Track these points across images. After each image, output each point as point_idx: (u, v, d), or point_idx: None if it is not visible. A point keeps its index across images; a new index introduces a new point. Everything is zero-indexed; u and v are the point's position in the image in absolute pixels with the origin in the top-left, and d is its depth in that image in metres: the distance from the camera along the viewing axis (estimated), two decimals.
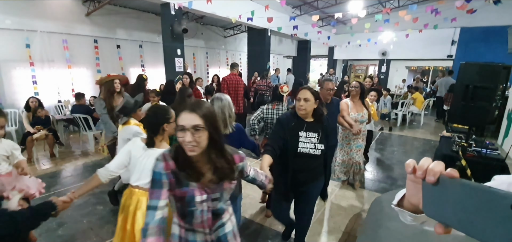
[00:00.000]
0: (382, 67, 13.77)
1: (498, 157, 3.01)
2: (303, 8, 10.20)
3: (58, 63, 6.42)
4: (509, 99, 6.22)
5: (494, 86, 2.48)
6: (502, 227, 0.41)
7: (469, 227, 0.46)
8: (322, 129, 2.00)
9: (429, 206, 0.53)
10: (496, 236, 0.42)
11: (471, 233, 0.46)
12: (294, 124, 1.97)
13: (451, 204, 0.48)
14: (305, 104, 1.93)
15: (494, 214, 0.42)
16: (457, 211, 0.47)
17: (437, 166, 0.52)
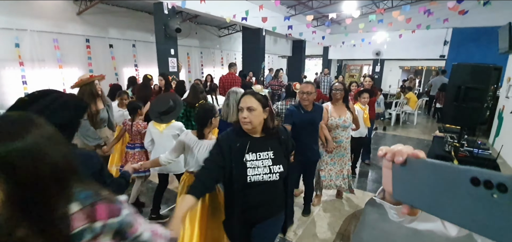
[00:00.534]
0: (376, 67, 13.88)
1: (489, 157, 3.05)
2: (298, 8, 10.21)
3: (49, 63, 6.30)
4: (500, 99, 6.32)
5: (485, 87, 2.50)
6: (463, 203, 0.42)
7: (433, 206, 0.47)
8: (278, 145, 1.53)
9: (398, 189, 0.55)
10: (457, 213, 0.43)
11: (435, 212, 0.48)
12: (239, 144, 1.45)
13: (418, 184, 0.50)
14: (250, 115, 1.40)
15: (455, 190, 0.43)
16: (423, 191, 0.49)
17: (406, 148, 0.53)
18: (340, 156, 3.10)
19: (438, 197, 0.46)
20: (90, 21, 6.89)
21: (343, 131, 3.00)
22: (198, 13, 6.98)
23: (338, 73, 16.21)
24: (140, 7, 7.77)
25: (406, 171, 0.52)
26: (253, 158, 1.45)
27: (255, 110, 1.40)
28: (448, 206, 0.45)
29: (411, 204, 0.53)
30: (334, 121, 2.93)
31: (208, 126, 1.99)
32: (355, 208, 3.31)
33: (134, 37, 8.04)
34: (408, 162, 0.52)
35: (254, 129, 1.46)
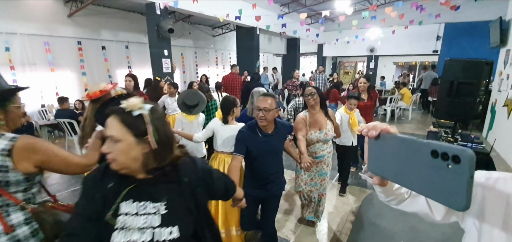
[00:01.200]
0: (370, 63, 13.97)
1: (483, 151, 3.07)
2: (291, 6, 10.21)
3: (40, 66, 6.21)
4: (492, 93, 6.40)
5: (477, 82, 2.53)
6: (423, 172, 0.48)
7: (400, 177, 0.54)
8: (179, 191, 0.99)
9: (372, 162, 0.61)
10: (418, 181, 0.50)
11: (401, 181, 0.55)
12: (112, 184, 0.92)
13: (388, 157, 0.56)
14: (114, 149, 0.89)
15: (418, 161, 0.49)
16: (392, 163, 0.55)
17: (380, 124, 0.59)
18: (321, 175, 2.57)
19: (404, 168, 0.52)
20: (81, 23, 6.80)
21: (324, 144, 2.49)
22: (191, 13, 6.93)
23: (333, 70, 16.28)
24: (132, 8, 7.70)
25: (379, 145, 0.58)
26: (130, 210, 0.91)
27: (120, 141, 0.88)
28: (411, 175, 0.51)
29: (382, 174, 0.60)
30: (314, 135, 2.41)
31: (230, 114, 2.41)
32: (352, 206, 3.32)
33: (127, 38, 7.96)
34: (381, 137, 0.57)
35: (124, 167, 0.91)
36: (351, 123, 3.30)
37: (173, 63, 6.49)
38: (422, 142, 0.49)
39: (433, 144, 0.47)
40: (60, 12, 6.43)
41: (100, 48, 7.36)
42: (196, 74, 10.63)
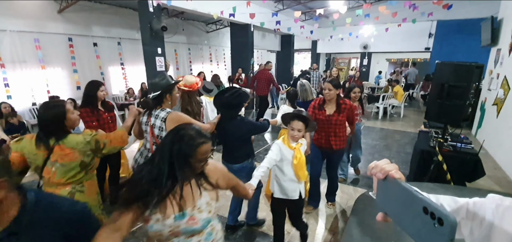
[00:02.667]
0: (363, 60, 14.06)
1: (472, 151, 3.16)
2: (286, 3, 10.17)
3: (31, 64, 6.08)
4: (482, 91, 6.52)
5: (467, 85, 2.58)
6: (416, 222, 0.54)
7: (398, 218, 0.60)
8: None
9: (379, 198, 0.66)
10: (412, 229, 0.55)
11: (399, 223, 0.60)
12: None
13: (391, 198, 0.62)
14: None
15: (413, 211, 0.54)
16: (394, 205, 0.61)
17: (388, 166, 0.63)
18: None
19: (402, 212, 0.58)
20: (72, 19, 6.67)
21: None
22: (185, 9, 6.85)
23: (327, 67, 16.35)
24: (124, 4, 7.57)
25: (385, 185, 0.63)
26: None
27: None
28: (407, 221, 0.57)
29: (385, 212, 0.65)
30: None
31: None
32: (345, 205, 3.38)
33: (119, 34, 7.84)
34: (388, 179, 0.62)
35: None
36: (297, 165, 2.04)
37: (167, 61, 6.43)
38: (417, 195, 0.54)
39: (426, 201, 0.52)
40: (50, 8, 6.29)
41: (92, 45, 7.24)
42: (190, 71, 10.55)
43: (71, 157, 1.68)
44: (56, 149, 1.65)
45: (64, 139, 1.67)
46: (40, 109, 1.67)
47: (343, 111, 2.79)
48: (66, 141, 1.67)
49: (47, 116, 1.64)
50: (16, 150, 1.66)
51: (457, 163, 3.00)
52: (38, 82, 6.25)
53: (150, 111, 2.19)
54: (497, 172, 4.40)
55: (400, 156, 5.11)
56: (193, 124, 1.31)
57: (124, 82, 8.24)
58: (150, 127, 2.16)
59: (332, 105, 2.83)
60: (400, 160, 4.87)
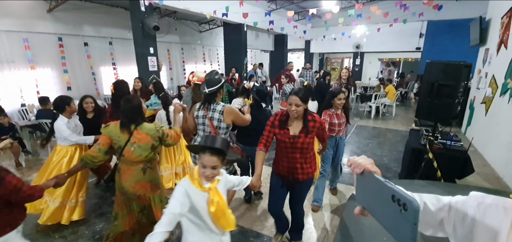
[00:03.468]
0: (356, 59, 14.20)
1: (461, 148, 3.22)
2: (279, 2, 10.20)
3: (20, 64, 5.96)
4: (471, 90, 6.65)
5: (456, 84, 2.63)
6: (387, 211, 0.58)
7: (373, 210, 0.64)
8: None
9: (358, 193, 0.70)
10: (384, 218, 0.59)
11: (374, 214, 0.64)
12: None
13: (367, 191, 0.66)
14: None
15: (384, 201, 0.58)
16: (369, 197, 0.65)
17: (364, 161, 0.67)
18: None
19: (376, 204, 0.62)
20: (62, 18, 6.56)
21: None
22: (177, 9, 6.81)
23: (320, 66, 16.45)
24: (116, 3, 7.48)
25: (363, 179, 0.67)
26: None
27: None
28: (380, 211, 0.61)
29: (362, 205, 0.68)
30: None
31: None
32: (338, 203, 3.41)
33: (110, 34, 7.74)
34: (365, 174, 0.66)
35: None
36: (215, 213, 1.43)
37: (159, 60, 6.38)
38: (386, 185, 0.58)
39: (393, 189, 0.56)
40: (39, 7, 6.17)
41: (82, 45, 7.13)
42: (183, 71, 10.49)
43: (146, 140, 2.09)
44: (135, 133, 2.08)
45: (141, 125, 2.10)
46: (122, 102, 2.11)
47: (311, 131, 2.10)
48: (142, 127, 2.10)
49: (130, 107, 2.08)
50: (105, 133, 2.10)
51: (447, 160, 3.06)
52: (27, 83, 6.13)
53: (207, 106, 2.47)
54: (485, 168, 4.49)
55: (392, 154, 5.18)
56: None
57: None
58: (208, 119, 2.46)
59: (298, 123, 2.12)
60: (392, 158, 4.93)
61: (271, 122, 2.19)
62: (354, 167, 0.68)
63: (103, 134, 2.11)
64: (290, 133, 2.11)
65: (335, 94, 2.95)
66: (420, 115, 2.93)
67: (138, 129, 2.08)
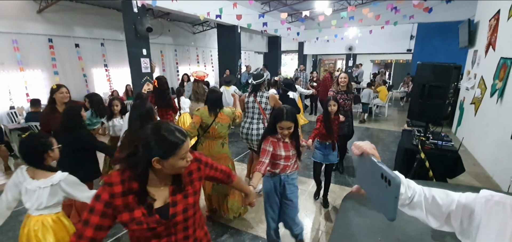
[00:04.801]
0: (349, 61, 14.35)
1: (452, 148, 3.28)
2: (272, 4, 10.24)
3: (8, 66, 5.83)
4: (461, 91, 6.79)
5: (447, 85, 2.68)
6: (378, 188, 0.65)
7: (368, 188, 0.71)
8: None
9: (358, 175, 0.78)
10: (376, 195, 0.67)
11: (368, 193, 0.71)
12: None
13: (364, 172, 0.73)
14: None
15: (376, 179, 0.65)
16: (365, 177, 0.73)
17: (365, 145, 0.74)
18: None
19: (370, 182, 0.69)
20: (52, 19, 6.44)
21: None
22: (170, 10, 6.77)
23: (314, 68, 16.57)
24: (107, 4, 7.40)
25: (361, 161, 0.73)
26: None
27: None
28: (372, 188, 0.69)
29: (360, 184, 0.76)
30: None
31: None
32: (333, 203, 3.43)
33: (102, 35, 7.64)
34: (364, 156, 0.73)
35: None
36: None
37: (152, 62, 6.33)
38: (378, 165, 0.66)
39: (382, 168, 0.65)
40: (29, 8, 6.05)
41: (73, 46, 7.02)
42: (177, 72, 10.42)
43: (226, 120, 2.77)
44: (219, 115, 2.74)
45: (222, 109, 2.80)
46: (209, 93, 2.82)
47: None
48: (223, 110, 2.79)
49: (216, 96, 2.78)
50: (197, 114, 2.72)
51: (438, 160, 3.11)
52: (16, 85, 6.00)
53: (255, 94, 3.39)
54: (476, 168, 4.59)
55: (385, 154, 5.24)
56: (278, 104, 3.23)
57: (108, 84, 8.03)
58: (257, 103, 3.36)
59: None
60: (385, 158, 5.00)
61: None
62: (354, 149, 0.75)
63: (196, 115, 2.73)
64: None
65: (278, 118, 2.01)
66: (412, 116, 2.98)
67: (221, 112, 2.76)
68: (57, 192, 1.69)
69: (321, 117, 3.11)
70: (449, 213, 0.77)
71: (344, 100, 3.93)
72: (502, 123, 4.03)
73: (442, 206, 0.78)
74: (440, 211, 0.78)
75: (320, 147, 3.20)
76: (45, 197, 1.64)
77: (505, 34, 4.41)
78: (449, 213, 0.77)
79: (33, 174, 1.67)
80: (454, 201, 0.77)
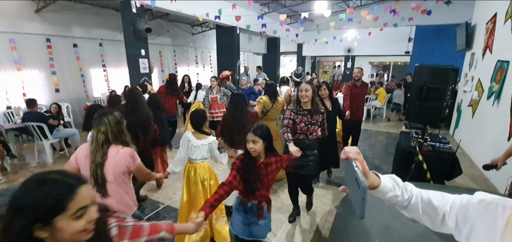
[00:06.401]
0: (347, 63, 14.39)
1: (449, 150, 3.29)
2: (271, 6, 10.27)
3: (6, 65, 5.80)
4: (458, 93, 6.83)
5: (444, 87, 2.69)
6: (353, 188, 0.74)
7: (350, 189, 0.80)
8: None
9: (345, 177, 0.87)
10: (353, 194, 0.76)
11: (350, 193, 0.81)
12: None
13: (347, 174, 0.81)
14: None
15: (353, 180, 0.74)
16: (348, 179, 0.81)
17: (350, 150, 0.80)
18: None
19: (350, 183, 0.78)
20: (50, 19, 6.42)
21: None
22: (169, 11, 6.77)
23: (312, 69, 16.60)
24: (106, 4, 7.38)
25: (346, 165, 0.81)
26: None
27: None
28: (351, 190, 0.78)
29: (346, 186, 0.84)
30: None
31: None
32: (331, 206, 3.43)
33: (100, 35, 7.61)
34: (348, 160, 0.80)
35: None
36: None
37: (151, 63, 6.31)
38: (354, 169, 0.74)
39: (356, 172, 0.73)
40: (27, 7, 6.03)
41: (71, 46, 6.99)
42: (176, 73, 10.40)
43: (280, 107, 3.91)
44: (276, 102, 3.83)
45: (278, 97, 3.89)
46: (268, 86, 3.99)
47: None
48: (278, 99, 3.89)
49: (274, 88, 3.92)
50: (261, 102, 3.76)
51: (436, 162, 3.12)
52: (14, 84, 5.97)
53: (297, 88, 3.49)
54: (473, 170, 4.60)
55: (383, 156, 5.25)
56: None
57: (106, 84, 8.00)
58: None
59: None
60: (383, 160, 5.01)
61: None
62: (342, 154, 0.82)
63: (259, 102, 3.78)
64: None
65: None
66: (410, 118, 2.98)
67: (278, 99, 3.85)
68: (210, 149, 2.46)
69: (237, 162, 1.86)
70: (444, 213, 0.80)
71: (306, 124, 2.68)
72: (499, 125, 4.04)
73: (437, 207, 0.81)
74: (436, 212, 0.81)
75: (240, 208, 1.98)
76: (205, 151, 2.43)
77: (502, 37, 4.44)
78: (444, 213, 0.80)
79: (197, 136, 2.45)
80: (448, 202, 0.80)
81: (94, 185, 1.72)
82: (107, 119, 1.77)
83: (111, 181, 1.76)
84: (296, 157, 2.36)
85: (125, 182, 1.86)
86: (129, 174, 1.89)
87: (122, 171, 1.80)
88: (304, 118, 2.68)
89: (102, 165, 1.73)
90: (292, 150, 2.40)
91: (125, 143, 1.85)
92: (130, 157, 1.84)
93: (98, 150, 1.73)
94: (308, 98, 2.65)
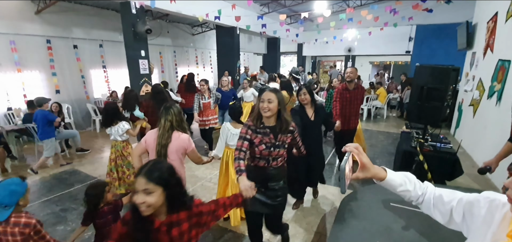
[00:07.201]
0: (348, 63, 14.37)
1: (450, 150, 3.27)
2: (271, 6, 10.26)
3: (6, 67, 5.81)
4: (459, 93, 6.80)
5: (445, 87, 2.68)
6: (343, 176, 0.90)
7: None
8: None
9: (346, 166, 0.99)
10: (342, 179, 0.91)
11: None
12: None
13: (345, 163, 0.92)
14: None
15: (342, 169, 0.89)
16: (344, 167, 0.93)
17: (350, 146, 0.94)
18: None
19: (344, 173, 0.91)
20: (50, 20, 6.42)
21: None
22: (169, 12, 6.76)
23: (313, 69, 16.58)
24: (106, 5, 7.38)
25: (346, 156, 0.93)
26: None
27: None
28: (343, 174, 0.90)
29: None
30: None
31: None
32: (331, 206, 3.42)
33: (101, 36, 7.62)
34: (347, 153, 0.94)
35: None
36: None
37: (151, 63, 6.31)
38: (345, 158, 0.90)
39: (343, 160, 0.91)
40: (27, 9, 6.03)
41: (72, 47, 7.00)
42: (176, 74, 10.40)
43: (294, 101, 4.17)
44: (292, 97, 4.33)
45: (293, 93, 4.39)
46: (282, 84, 4.72)
47: None
48: (293, 93, 4.38)
49: (289, 83, 4.53)
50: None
51: (437, 162, 3.10)
52: (14, 86, 5.98)
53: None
54: (474, 169, 4.57)
55: (384, 156, 5.24)
56: None
57: (106, 85, 8.01)
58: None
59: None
60: (384, 160, 4.99)
61: None
62: (345, 147, 0.93)
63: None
64: None
65: None
66: (411, 118, 2.97)
67: (294, 94, 4.31)
68: None
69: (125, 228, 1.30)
70: (451, 208, 0.86)
71: (268, 146, 1.95)
72: (501, 124, 4.02)
73: (447, 203, 0.87)
74: (444, 207, 0.88)
75: None
76: None
77: (503, 36, 4.42)
78: (451, 208, 0.86)
79: (235, 126, 2.83)
80: (456, 198, 0.86)
81: None
82: (173, 111, 2.22)
83: (172, 159, 2.17)
84: (246, 197, 1.62)
85: (181, 161, 2.27)
86: (184, 155, 2.29)
87: (181, 151, 2.24)
88: (264, 138, 1.93)
89: (166, 146, 2.17)
90: (242, 187, 1.66)
91: (184, 130, 2.28)
92: (188, 140, 2.26)
93: (164, 134, 2.17)
94: (272, 112, 1.90)
